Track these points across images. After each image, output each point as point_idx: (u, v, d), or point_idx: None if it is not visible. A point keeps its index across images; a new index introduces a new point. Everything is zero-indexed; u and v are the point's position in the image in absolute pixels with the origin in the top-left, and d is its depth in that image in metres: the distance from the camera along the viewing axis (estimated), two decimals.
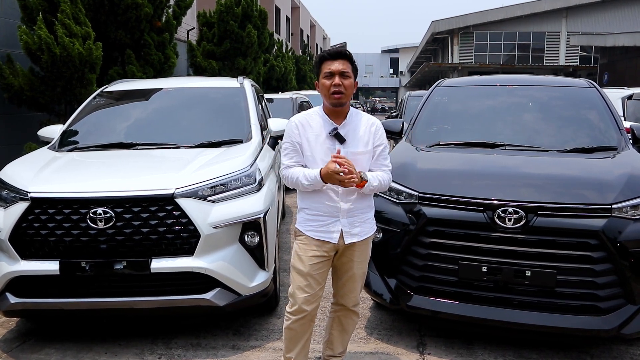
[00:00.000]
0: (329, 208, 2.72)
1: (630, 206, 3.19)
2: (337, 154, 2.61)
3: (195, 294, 3.37)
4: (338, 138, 2.70)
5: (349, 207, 2.73)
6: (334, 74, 2.65)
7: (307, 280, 2.76)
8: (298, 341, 2.87)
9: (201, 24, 15.20)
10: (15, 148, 7.23)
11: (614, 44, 24.30)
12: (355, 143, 2.73)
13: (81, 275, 3.29)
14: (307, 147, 2.73)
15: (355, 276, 2.87)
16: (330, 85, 2.65)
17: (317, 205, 2.74)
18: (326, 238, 2.74)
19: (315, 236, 2.75)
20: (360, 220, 2.78)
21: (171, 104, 4.88)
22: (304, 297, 2.76)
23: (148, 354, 3.45)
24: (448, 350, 3.47)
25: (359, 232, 2.78)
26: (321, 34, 57.22)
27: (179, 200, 3.34)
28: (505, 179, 3.53)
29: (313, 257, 2.75)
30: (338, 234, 2.73)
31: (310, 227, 2.76)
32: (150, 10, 8.85)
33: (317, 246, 2.74)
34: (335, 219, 2.73)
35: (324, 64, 2.70)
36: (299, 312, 2.78)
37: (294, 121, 2.79)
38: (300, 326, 2.83)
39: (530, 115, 4.49)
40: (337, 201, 2.71)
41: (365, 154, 2.74)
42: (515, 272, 3.14)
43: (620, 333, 3.09)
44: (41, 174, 3.62)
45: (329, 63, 2.68)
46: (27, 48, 6.98)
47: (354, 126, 2.76)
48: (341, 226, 2.73)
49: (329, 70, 2.66)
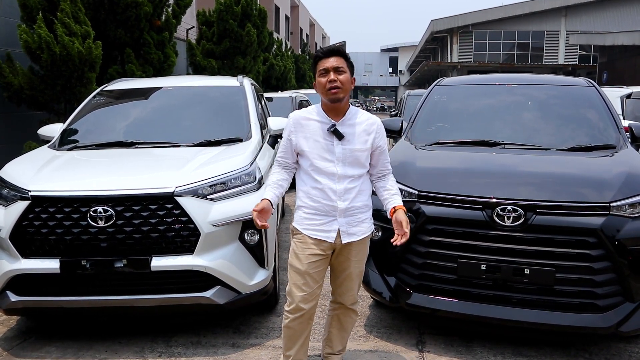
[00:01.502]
0: (326, 207, 2.73)
1: (628, 204, 3.20)
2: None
3: (195, 292, 3.38)
4: (336, 134, 2.71)
5: (347, 206, 2.74)
6: (328, 71, 2.68)
7: (305, 279, 2.77)
8: (297, 339, 2.88)
9: (201, 23, 15.20)
10: (15, 147, 7.24)
11: (613, 43, 24.30)
12: (354, 140, 2.74)
13: (81, 274, 3.29)
14: (305, 143, 2.74)
15: (352, 275, 2.88)
16: (326, 82, 2.68)
17: (314, 205, 2.75)
18: (323, 237, 2.75)
19: (312, 235, 2.76)
20: (357, 220, 2.79)
21: (171, 102, 4.88)
22: (301, 295, 2.77)
23: (148, 352, 3.46)
24: (447, 348, 3.48)
25: (357, 232, 2.79)
26: (320, 32, 57.19)
27: (179, 199, 3.34)
28: (504, 177, 3.54)
29: (310, 256, 2.75)
30: (335, 233, 2.74)
31: (308, 225, 2.77)
32: (149, 9, 8.85)
33: (314, 245, 2.75)
34: (332, 218, 2.74)
35: (318, 64, 2.73)
36: (296, 311, 2.79)
37: (293, 117, 2.83)
38: (299, 324, 2.84)
39: (529, 114, 4.50)
40: (335, 200, 2.72)
41: (363, 151, 2.76)
42: (514, 270, 3.15)
43: (619, 331, 3.10)
44: (41, 173, 3.63)
45: (323, 61, 2.71)
46: (26, 47, 6.98)
47: (353, 124, 2.77)
48: (338, 225, 2.74)
49: (323, 68, 2.69)
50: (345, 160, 2.72)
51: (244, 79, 5.27)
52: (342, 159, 2.72)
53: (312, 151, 2.73)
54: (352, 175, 2.74)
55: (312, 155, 2.73)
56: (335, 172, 2.71)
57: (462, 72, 36.57)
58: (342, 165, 2.72)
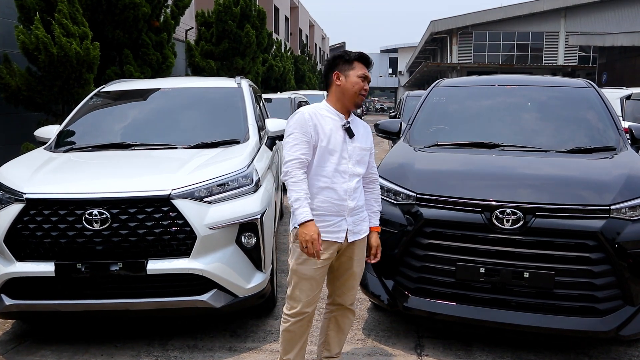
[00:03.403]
0: (336, 207, 2.71)
1: (628, 207, 3.17)
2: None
3: (191, 296, 3.35)
4: (348, 132, 2.76)
5: (355, 205, 2.76)
6: (366, 79, 2.77)
7: (311, 284, 2.74)
8: (296, 343, 2.86)
9: (199, 24, 15.19)
10: (12, 148, 7.21)
11: (613, 44, 24.28)
12: (361, 139, 2.82)
13: (77, 277, 3.26)
14: (324, 138, 2.69)
15: (355, 274, 2.91)
16: (362, 88, 2.75)
17: (324, 205, 2.70)
18: (334, 238, 2.72)
19: (324, 237, 2.67)
20: (360, 219, 2.83)
21: (168, 104, 4.85)
22: (306, 300, 2.75)
23: (144, 355, 3.43)
24: (446, 351, 3.45)
25: (360, 230, 2.83)
26: (320, 33, 57.19)
27: (175, 202, 3.32)
28: (504, 179, 3.51)
29: (321, 261, 2.69)
30: (344, 233, 2.75)
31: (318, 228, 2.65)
32: (148, 10, 8.83)
33: (323, 248, 2.66)
34: (341, 218, 2.74)
35: (358, 64, 2.75)
36: (299, 314, 2.78)
37: (306, 112, 2.71)
38: (299, 327, 2.82)
39: (528, 116, 4.48)
40: (345, 199, 2.72)
41: (367, 150, 2.86)
42: (513, 273, 3.13)
43: (619, 334, 3.08)
44: (37, 175, 3.60)
45: (363, 67, 2.77)
46: (24, 48, 6.95)
47: (356, 124, 2.85)
48: (347, 225, 2.75)
49: (364, 74, 2.75)
50: (356, 158, 2.77)
51: (242, 80, 5.24)
52: (353, 156, 2.76)
53: (333, 148, 2.69)
54: (360, 173, 2.81)
55: (331, 152, 2.69)
56: (348, 170, 2.73)
57: (461, 73, 36.55)
58: (354, 164, 2.76)
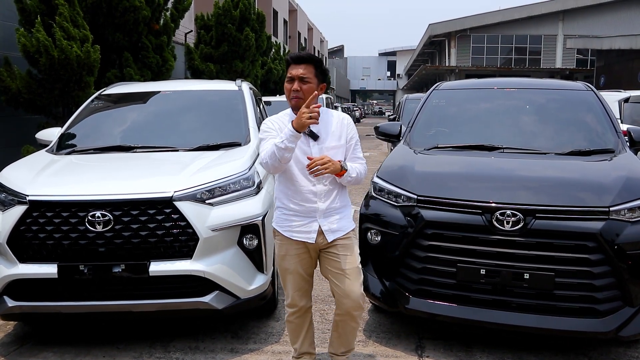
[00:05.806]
0: (305, 209, 2.76)
1: (627, 209, 3.20)
2: (311, 158, 2.65)
3: (193, 297, 3.36)
4: (311, 135, 2.76)
5: (327, 207, 2.77)
6: (294, 79, 2.72)
7: (293, 277, 2.87)
8: (299, 332, 3.01)
9: (199, 27, 15.22)
10: (12, 151, 7.22)
11: (611, 47, 24.36)
12: (328, 138, 2.79)
13: (79, 279, 3.28)
14: None
15: (345, 272, 2.78)
16: (290, 89, 2.73)
17: (293, 207, 2.78)
18: (304, 238, 2.78)
19: (293, 237, 2.79)
20: (339, 218, 2.82)
21: (169, 106, 4.87)
22: (294, 293, 2.90)
23: (146, 357, 3.44)
24: (447, 353, 3.47)
25: (341, 228, 2.82)
26: (318, 36, 57.27)
27: (177, 204, 3.33)
28: (503, 181, 3.54)
29: (295, 256, 2.82)
30: (315, 234, 2.77)
31: (288, 227, 2.81)
32: (148, 13, 8.86)
33: (296, 245, 2.81)
34: (312, 219, 2.77)
35: (289, 68, 2.77)
36: (293, 307, 2.94)
37: (271, 120, 2.85)
38: (297, 319, 2.97)
39: (527, 118, 4.51)
40: (315, 201, 2.75)
41: (339, 147, 2.81)
42: (514, 274, 3.15)
43: (618, 335, 3.10)
44: (39, 177, 3.61)
45: (292, 68, 2.76)
46: (25, 51, 6.98)
47: (325, 123, 2.81)
48: (319, 225, 2.77)
49: (290, 75, 2.75)
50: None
51: (243, 82, 5.26)
52: None
53: (295, 152, 2.71)
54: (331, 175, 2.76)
55: (294, 156, 2.71)
56: None
57: (460, 76, 36.60)
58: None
